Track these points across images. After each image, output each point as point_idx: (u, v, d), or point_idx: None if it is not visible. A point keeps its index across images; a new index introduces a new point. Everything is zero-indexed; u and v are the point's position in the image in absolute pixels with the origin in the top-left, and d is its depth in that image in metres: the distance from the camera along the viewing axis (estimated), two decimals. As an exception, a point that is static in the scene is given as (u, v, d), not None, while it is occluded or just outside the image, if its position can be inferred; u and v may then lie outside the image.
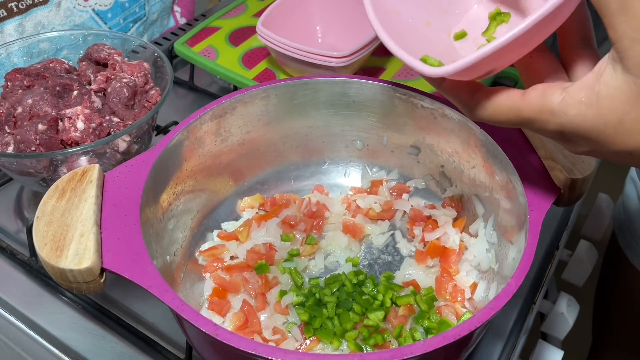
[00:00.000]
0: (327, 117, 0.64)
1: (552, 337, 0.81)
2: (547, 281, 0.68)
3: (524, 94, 0.37)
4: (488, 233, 0.58)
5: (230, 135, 0.61)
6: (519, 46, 0.36)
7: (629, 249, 0.87)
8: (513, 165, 0.51)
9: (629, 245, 0.87)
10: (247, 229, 0.62)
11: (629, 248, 0.87)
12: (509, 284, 0.43)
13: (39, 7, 0.83)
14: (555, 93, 0.35)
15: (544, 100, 0.36)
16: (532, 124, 0.37)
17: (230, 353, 0.42)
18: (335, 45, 0.85)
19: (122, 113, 0.67)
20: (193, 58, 0.86)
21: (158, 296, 0.42)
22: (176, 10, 1.07)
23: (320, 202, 0.65)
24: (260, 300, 0.56)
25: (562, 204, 0.52)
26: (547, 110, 0.36)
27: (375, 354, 0.39)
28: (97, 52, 0.73)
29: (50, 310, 0.60)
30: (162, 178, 0.54)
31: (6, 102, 0.66)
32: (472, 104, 0.40)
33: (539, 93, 0.36)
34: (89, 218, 0.46)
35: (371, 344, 0.52)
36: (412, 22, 0.43)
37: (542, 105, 0.36)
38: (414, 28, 0.43)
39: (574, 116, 0.35)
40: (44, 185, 0.65)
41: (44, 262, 0.44)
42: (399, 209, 0.65)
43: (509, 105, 0.38)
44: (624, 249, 0.88)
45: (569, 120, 0.35)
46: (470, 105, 0.40)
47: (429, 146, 0.62)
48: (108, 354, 0.56)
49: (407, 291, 0.57)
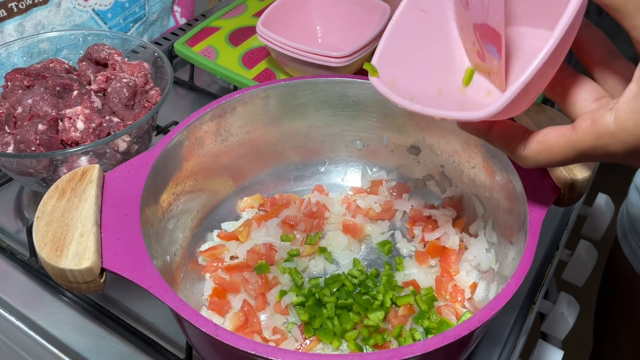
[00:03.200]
0: (327, 117, 0.64)
1: (552, 337, 0.81)
2: (547, 281, 0.68)
3: (574, 128, 0.36)
4: (488, 233, 0.58)
5: (230, 135, 0.61)
6: (551, 65, 0.35)
7: (634, 258, 0.87)
8: (513, 165, 0.51)
9: (635, 255, 0.86)
10: (247, 229, 0.62)
11: (634, 257, 0.87)
12: (509, 284, 0.43)
13: (39, 7, 0.83)
14: (605, 115, 0.35)
15: (597, 125, 0.35)
16: (594, 154, 0.36)
17: (230, 353, 0.42)
18: (335, 45, 0.85)
19: (122, 113, 0.67)
20: (193, 58, 0.86)
21: (158, 296, 0.42)
22: (176, 10, 1.07)
23: (320, 202, 0.65)
24: (260, 300, 0.56)
25: (562, 204, 0.52)
26: (605, 134, 0.35)
27: (375, 354, 0.39)
28: (97, 52, 0.73)
29: (50, 310, 0.60)
30: (162, 178, 0.54)
31: (6, 102, 0.66)
32: (525, 151, 0.39)
33: (589, 121, 0.35)
34: (89, 218, 0.46)
35: (371, 344, 0.52)
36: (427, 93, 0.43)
37: (597, 132, 0.35)
38: (432, 97, 0.43)
39: (633, 128, 0.34)
40: (44, 185, 0.64)
41: (44, 262, 0.44)
42: (399, 209, 0.65)
43: (563, 143, 0.37)
44: (628, 257, 0.88)
45: (629, 133, 0.34)
46: (522, 153, 0.39)
47: (429, 146, 0.62)
48: (108, 354, 0.56)
49: (407, 291, 0.57)
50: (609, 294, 0.99)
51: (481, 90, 0.43)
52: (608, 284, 0.99)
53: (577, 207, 0.77)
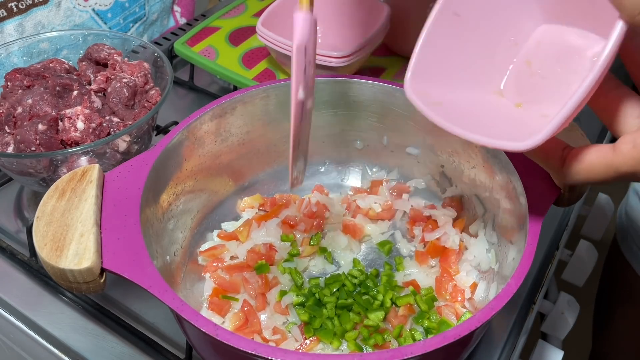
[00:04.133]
0: (327, 117, 0.64)
1: (552, 337, 0.81)
2: (547, 281, 0.68)
3: (615, 150, 0.36)
4: (488, 233, 0.58)
5: (230, 135, 0.61)
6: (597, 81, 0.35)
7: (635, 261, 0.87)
8: (513, 165, 0.51)
9: (636, 258, 0.86)
10: (247, 229, 0.62)
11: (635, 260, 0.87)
12: (509, 284, 0.43)
13: (39, 7, 0.83)
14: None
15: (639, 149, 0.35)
16: (635, 177, 0.36)
17: (230, 353, 0.42)
18: (335, 45, 0.85)
19: (122, 113, 0.67)
20: (193, 58, 0.86)
21: (158, 296, 0.42)
22: (176, 10, 1.07)
23: (320, 202, 0.65)
24: (260, 300, 0.56)
25: (562, 204, 0.52)
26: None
27: (375, 354, 0.39)
28: (97, 52, 0.73)
29: (50, 310, 0.60)
30: (162, 178, 0.54)
31: (6, 102, 0.66)
32: (564, 169, 0.39)
33: (631, 145, 0.35)
34: (89, 218, 0.46)
35: (371, 344, 0.52)
36: (463, 105, 0.42)
37: (639, 156, 0.35)
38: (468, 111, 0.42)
39: None
40: (44, 185, 0.64)
41: (44, 262, 0.44)
42: (399, 209, 0.65)
43: (604, 165, 0.36)
44: (629, 260, 0.87)
45: None
46: (561, 170, 0.39)
47: (429, 146, 0.62)
48: (108, 354, 0.56)
49: (407, 291, 0.57)
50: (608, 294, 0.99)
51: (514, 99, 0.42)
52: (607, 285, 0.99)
53: (577, 207, 0.77)
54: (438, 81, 0.42)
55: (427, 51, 0.42)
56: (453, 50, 0.42)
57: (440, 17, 0.41)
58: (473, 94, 0.42)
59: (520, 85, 0.43)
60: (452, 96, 0.41)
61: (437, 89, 0.41)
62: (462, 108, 0.41)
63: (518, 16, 0.42)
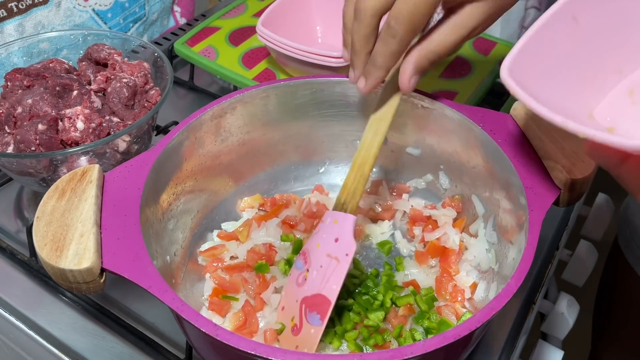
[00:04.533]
0: (327, 117, 0.64)
1: (552, 337, 0.81)
2: (547, 281, 0.68)
3: None
4: (488, 233, 0.58)
5: (230, 135, 0.61)
6: None
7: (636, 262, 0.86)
8: (513, 165, 0.51)
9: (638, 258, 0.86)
10: (247, 229, 0.62)
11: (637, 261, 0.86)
12: (509, 284, 0.43)
13: (39, 7, 0.83)
14: None
15: None
16: None
17: (230, 353, 0.42)
18: (335, 45, 0.85)
19: (122, 113, 0.67)
20: (193, 58, 0.86)
21: (158, 296, 0.42)
22: (176, 10, 1.07)
23: (320, 203, 0.65)
24: (259, 301, 0.56)
25: (562, 204, 0.52)
26: None
27: (375, 354, 0.39)
28: (97, 52, 0.73)
29: (50, 310, 0.60)
30: (162, 178, 0.54)
31: (6, 102, 0.66)
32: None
33: None
34: (89, 218, 0.46)
35: (371, 344, 0.52)
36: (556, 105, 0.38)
37: None
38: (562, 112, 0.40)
39: None
40: (44, 185, 0.65)
41: (44, 262, 0.44)
42: (399, 209, 0.65)
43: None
44: (631, 263, 0.87)
45: None
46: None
47: (429, 146, 0.62)
48: (108, 354, 0.56)
49: (407, 291, 0.57)
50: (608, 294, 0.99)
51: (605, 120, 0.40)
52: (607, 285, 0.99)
53: (577, 207, 0.77)
54: (532, 79, 0.39)
55: (533, 44, 0.39)
56: (556, 54, 0.40)
57: (559, 14, 0.39)
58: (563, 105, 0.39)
59: (616, 112, 0.40)
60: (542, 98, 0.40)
61: (530, 85, 0.39)
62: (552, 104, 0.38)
63: (635, 46, 0.40)
